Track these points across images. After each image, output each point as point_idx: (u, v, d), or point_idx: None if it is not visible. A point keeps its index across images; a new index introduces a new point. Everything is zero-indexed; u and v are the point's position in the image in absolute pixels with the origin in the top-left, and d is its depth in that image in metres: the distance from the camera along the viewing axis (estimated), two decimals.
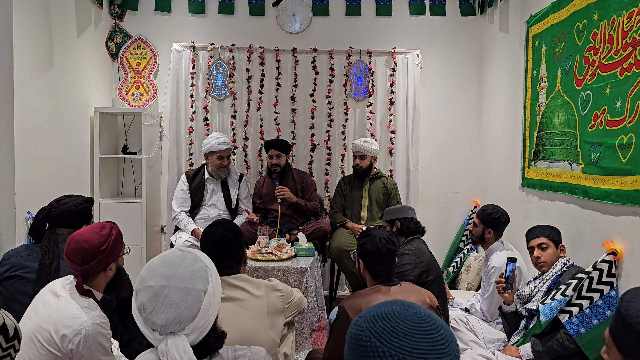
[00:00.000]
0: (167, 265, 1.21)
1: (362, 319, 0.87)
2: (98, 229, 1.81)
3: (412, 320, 0.84)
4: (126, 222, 4.10)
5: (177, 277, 1.19)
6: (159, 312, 1.16)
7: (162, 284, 1.18)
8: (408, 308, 0.87)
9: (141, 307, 1.18)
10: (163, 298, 1.17)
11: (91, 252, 1.75)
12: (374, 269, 2.04)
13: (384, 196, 3.88)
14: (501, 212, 2.88)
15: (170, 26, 4.48)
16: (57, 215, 2.28)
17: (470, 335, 2.62)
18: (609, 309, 2.21)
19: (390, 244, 2.03)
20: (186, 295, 1.18)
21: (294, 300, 2.01)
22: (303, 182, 3.99)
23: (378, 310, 0.87)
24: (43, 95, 3.41)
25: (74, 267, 1.76)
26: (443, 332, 0.84)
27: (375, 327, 0.84)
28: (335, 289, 4.09)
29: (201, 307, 1.18)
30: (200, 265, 1.24)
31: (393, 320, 0.84)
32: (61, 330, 1.64)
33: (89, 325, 1.65)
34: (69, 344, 1.63)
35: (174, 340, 1.15)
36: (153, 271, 1.21)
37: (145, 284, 1.19)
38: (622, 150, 2.20)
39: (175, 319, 1.16)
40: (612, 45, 2.30)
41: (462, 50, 4.47)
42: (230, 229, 1.95)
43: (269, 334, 1.84)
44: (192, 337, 1.19)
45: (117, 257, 1.86)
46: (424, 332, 0.82)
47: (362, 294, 1.98)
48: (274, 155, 3.86)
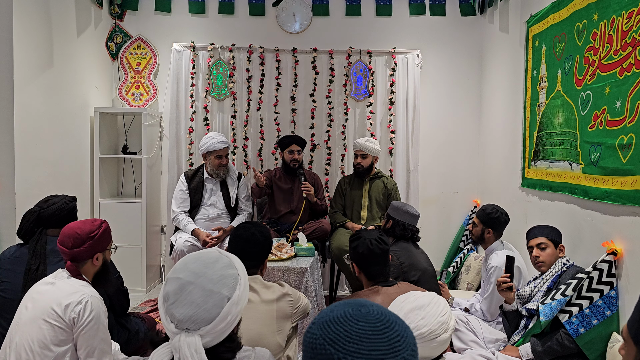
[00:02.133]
0: (199, 263, 1.22)
1: (315, 325, 0.83)
2: (90, 220, 1.97)
3: (366, 320, 0.81)
4: (126, 222, 4.12)
5: (205, 277, 1.20)
6: (179, 306, 1.17)
7: (190, 280, 1.19)
8: (361, 308, 0.84)
9: (165, 296, 1.20)
10: (186, 294, 1.17)
11: (82, 236, 1.88)
12: (369, 271, 2.04)
13: (384, 196, 3.87)
14: (501, 211, 2.88)
15: (170, 26, 4.48)
16: (48, 215, 2.30)
17: (470, 335, 2.62)
18: (609, 309, 2.21)
19: (381, 244, 2.03)
20: (208, 298, 1.18)
21: (302, 305, 2.03)
22: (314, 183, 4.01)
23: (330, 314, 0.83)
24: (43, 95, 3.41)
25: (65, 251, 1.87)
26: (398, 328, 0.82)
27: (329, 333, 0.80)
28: (335, 289, 4.09)
29: (220, 313, 1.18)
30: (232, 272, 1.24)
31: (346, 323, 0.81)
32: (64, 301, 1.73)
33: (89, 297, 1.77)
34: (71, 312, 1.72)
35: (187, 338, 1.15)
36: (186, 265, 1.23)
37: (175, 274, 1.21)
38: (622, 150, 2.20)
39: (192, 317, 1.16)
40: (612, 45, 2.30)
41: (462, 50, 4.46)
42: (262, 232, 2.02)
43: (276, 338, 1.86)
44: (206, 339, 1.18)
45: (104, 249, 1.97)
46: (379, 332, 0.80)
47: (360, 295, 1.98)
48: (295, 150, 3.87)
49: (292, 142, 3.87)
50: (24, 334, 1.71)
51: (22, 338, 1.71)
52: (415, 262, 2.63)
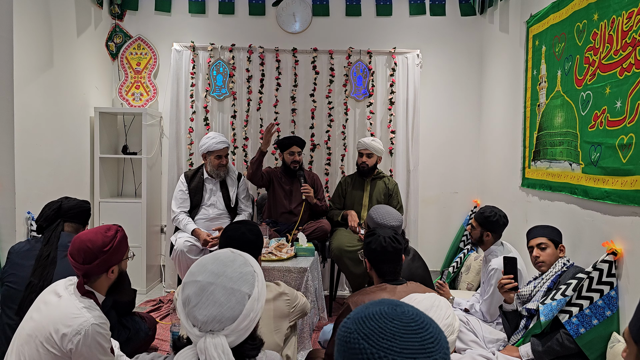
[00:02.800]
0: (218, 264, 1.23)
1: (350, 320, 0.86)
2: (104, 230, 1.82)
3: (401, 319, 0.83)
4: (126, 222, 4.09)
5: (225, 276, 1.20)
6: (202, 308, 1.17)
7: (210, 280, 1.19)
8: (396, 307, 0.86)
9: (186, 300, 1.19)
10: (208, 294, 1.18)
11: (94, 251, 1.75)
12: (380, 268, 2.05)
13: (385, 196, 3.87)
14: (499, 214, 2.87)
15: (170, 26, 4.48)
16: (69, 207, 2.38)
17: (470, 335, 2.62)
18: (609, 309, 2.21)
19: (395, 243, 2.04)
20: (231, 296, 1.18)
21: (299, 304, 2.03)
22: (314, 183, 4.01)
23: (366, 311, 0.86)
24: (43, 95, 3.41)
25: (76, 265, 1.77)
26: (432, 330, 0.83)
27: (363, 328, 0.82)
28: (335, 289, 4.09)
29: (243, 310, 1.19)
30: (249, 270, 1.25)
31: (381, 320, 0.83)
32: (61, 329, 1.65)
33: (88, 326, 1.66)
34: (68, 343, 1.64)
35: (213, 339, 1.15)
36: (203, 267, 1.22)
37: (193, 278, 1.21)
38: (622, 150, 2.20)
39: (217, 317, 1.16)
40: (612, 45, 2.30)
41: (462, 50, 4.47)
42: (252, 230, 2.00)
43: (274, 337, 1.85)
44: (231, 339, 1.19)
45: (120, 260, 1.86)
46: (412, 332, 0.81)
47: (368, 291, 1.99)
48: (296, 152, 3.87)
49: (293, 143, 3.86)
50: (23, 349, 1.67)
51: (21, 353, 1.68)
52: (409, 267, 2.61)
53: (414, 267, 2.66)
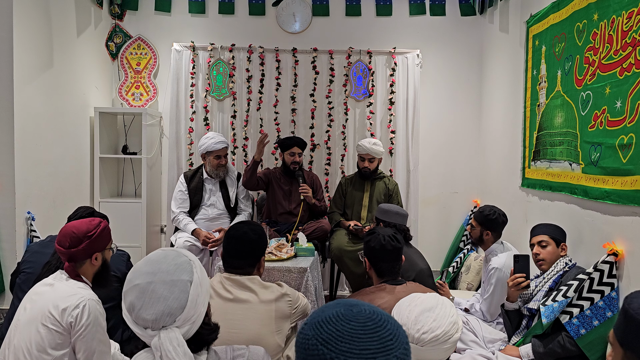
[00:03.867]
0: (151, 263, 1.23)
1: (307, 326, 0.84)
2: (88, 220, 1.94)
3: (357, 320, 0.82)
4: (126, 222, 4.12)
5: (162, 271, 1.21)
6: (148, 307, 1.17)
7: (148, 280, 1.19)
8: (352, 308, 0.84)
9: (130, 307, 1.19)
10: (150, 293, 1.18)
11: (79, 236, 1.84)
12: (379, 267, 2.05)
13: (385, 197, 3.87)
14: (498, 213, 2.87)
15: (170, 26, 4.48)
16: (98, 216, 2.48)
17: (470, 335, 2.62)
18: (610, 310, 2.21)
19: (394, 241, 2.04)
20: (172, 287, 1.19)
21: (301, 305, 2.03)
22: (313, 183, 4.01)
23: (322, 314, 0.84)
24: (43, 95, 3.41)
25: (62, 251, 1.84)
26: (389, 327, 0.82)
27: (321, 333, 0.81)
28: (335, 289, 4.09)
29: (189, 297, 1.20)
30: (184, 259, 1.26)
31: (338, 323, 0.81)
32: (60, 305, 1.71)
33: (87, 300, 1.74)
34: (68, 317, 1.70)
35: (167, 333, 1.16)
36: (138, 271, 1.23)
37: (131, 284, 1.21)
38: (622, 150, 2.20)
39: (165, 311, 1.17)
40: (612, 45, 2.30)
41: (462, 50, 4.46)
42: (254, 230, 2.01)
43: (275, 338, 1.86)
44: (184, 329, 1.20)
45: (103, 249, 1.94)
46: (370, 331, 0.80)
47: (367, 291, 1.99)
48: (297, 153, 3.85)
49: (294, 144, 3.85)
50: (22, 337, 1.70)
51: (21, 340, 1.71)
52: (411, 262, 2.64)
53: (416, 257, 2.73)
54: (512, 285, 2.48)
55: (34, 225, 3.22)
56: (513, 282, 2.47)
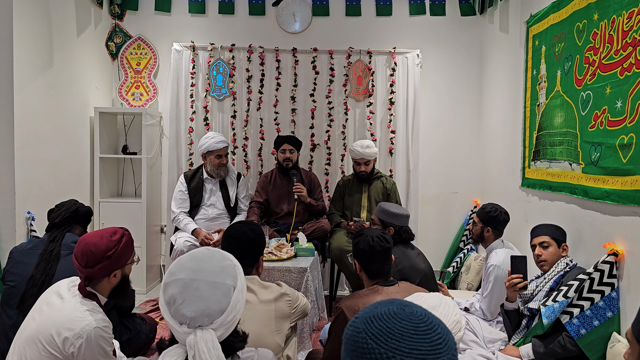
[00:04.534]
0: (196, 261, 1.23)
1: (358, 320, 0.85)
2: (109, 234, 1.81)
3: (410, 320, 0.82)
4: (126, 222, 4.10)
5: (207, 271, 1.21)
6: (189, 304, 1.16)
7: (192, 277, 1.19)
8: (405, 308, 0.85)
9: (170, 300, 1.18)
10: (193, 290, 1.17)
11: (97, 256, 1.75)
12: (369, 268, 2.04)
13: (384, 196, 3.87)
14: (500, 210, 2.88)
15: (170, 26, 4.48)
16: (84, 212, 2.47)
17: (470, 335, 2.62)
18: (610, 310, 2.21)
19: (383, 242, 2.03)
20: (215, 289, 1.19)
21: (300, 305, 2.03)
22: (311, 182, 4.00)
23: (375, 310, 0.85)
24: (43, 95, 3.40)
25: (79, 268, 1.77)
26: (440, 331, 0.83)
27: (372, 328, 0.82)
28: (335, 289, 4.09)
29: (230, 302, 1.20)
30: (229, 263, 1.26)
31: (389, 321, 0.82)
32: (63, 333, 1.64)
33: (91, 329, 1.65)
34: (70, 347, 1.63)
35: (203, 334, 1.15)
36: (182, 265, 1.22)
37: (174, 277, 1.20)
38: (622, 150, 2.20)
39: (205, 311, 1.16)
40: (612, 45, 2.30)
41: (462, 50, 4.47)
42: (254, 230, 2.01)
43: (275, 338, 1.86)
44: (219, 332, 1.19)
45: (123, 265, 1.85)
46: (421, 333, 0.81)
47: (361, 294, 1.98)
48: (287, 150, 3.87)
49: (284, 141, 3.87)
50: (25, 351, 1.66)
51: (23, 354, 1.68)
52: (414, 265, 2.62)
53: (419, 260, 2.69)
54: (508, 286, 2.48)
55: (34, 225, 3.22)
56: (509, 282, 2.47)
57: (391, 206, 2.89)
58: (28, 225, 3.21)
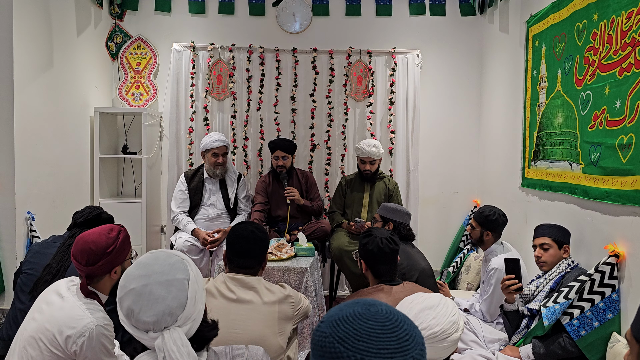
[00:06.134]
0: (143, 266, 1.22)
1: (324, 324, 0.84)
2: (106, 231, 1.83)
3: (376, 319, 0.81)
4: (126, 222, 4.03)
5: (156, 273, 1.19)
6: (147, 310, 1.16)
7: (143, 283, 1.18)
8: (370, 307, 0.84)
9: (128, 312, 1.17)
10: (147, 295, 1.16)
11: (97, 253, 1.76)
12: (377, 269, 2.04)
13: (385, 197, 3.87)
14: (498, 213, 2.87)
15: (170, 26, 4.48)
16: (105, 218, 2.47)
17: (471, 335, 2.62)
18: (610, 311, 2.21)
19: (391, 244, 2.03)
20: (170, 287, 1.18)
21: (303, 307, 2.04)
22: (307, 183, 3.97)
23: (340, 313, 0.84)
24: (43, 95, 3.41)
25: (79, 267, 1.77)
26: (407, 327, 0.82)
27: (338, 331, 0.81)
28: (335, 289, 4.09)
29: (188, 295, 1.19)
30: (176, 259, 1.25)
31: (355, 322, 0.81)
32: (65, 331, 1.64)
33: (92, 327, 1.66)
34: (72, 345, 1.64)
35: (170, 334, 1.15)
36: (130, 276, 1.21)
37: (125, 289, 1.19)
38: (622, 150, 2.20)
39: (165, 311, 1.16)
40: (612, 45, 2.30)
41: (462, 50, 4.46)
42: (260, 229, 2.03)
43: (277, 339, 1.86)
44: (186, 327, 1.19)
45: (123, 261, 1.86)
46: (388, 331, 0.80)
47: (365, 292, 1.99)
48: (280, 156, 3.80)
49: (277, 148, 3.80)
50: (26, 351, 1.66)
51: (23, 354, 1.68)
52: (413, 263, 2.63)
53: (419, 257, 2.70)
54: (503, 288, 2.49)
55: (34, 225, 3.22)
56: (503, 284, 2.48)
57: (394, 204, 3.01)
58: (28, 225, 3.21)
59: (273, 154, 3.84)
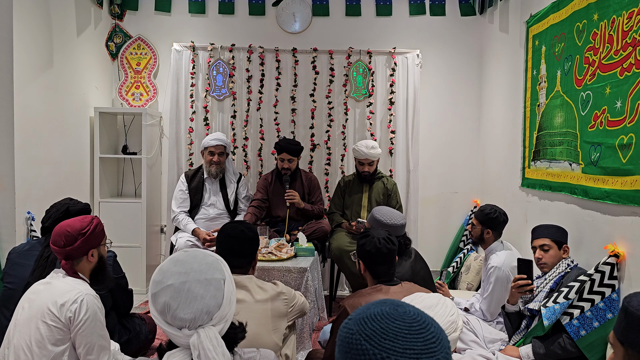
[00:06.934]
0: (181, 264, 1.22)
1: (351, 321, 0.85)
2: (81, 217, 1.95)
3: (403, 320, 0.82)
4: (126, 222, 4.12)
5: (195, 271, 1.20)
6: (185, 307, 1.16)
7: (182, 280, 1.18)
8: (397, 308, 0.85)
9: (164, 308, 1.17)
10: (186, 292, 1.17)
11: (74, 234, 1.85)
12: (375, 270, 2.04)
13: (384, 197, 3.87)
14: (499, 212, 2.88)
15: (170, 26, 4.48)
16: (75, 211, 2.43)
17: (470, 335, 2.62)
18: (610, 311, 2.21)
19: (389, 244, 2.03)
20: (208, 286, 1.19)
21: (297, 303, 2.03)
22: (310, 185, 3.97)
23: (367, 311, 0.86)
24: (43, 95, 3.40)
25: (58, 250, 1.85)
26: (434, 330, 0.83)
27: (365, 329, 0.82)
28: (335, 289, 4.09)
29: (224, 295, 1.21)
30: (212, 259, 1.27)
31: (383, 321, 0.82)
32: (59, 300, 1.73)
33: (84, 295, 1.76)
34: (67, 312, 1.71)
35: (206, 332, 1.16)
36: (167, 271, 1.21)
37: (163, 285, 1.19)
38: (622, 150, 2.20)
39: (203, 309, 1.17)
40: (612, 45, 2.30)
41: (462, 50, 4.46)
42: (249, 228, 2.05)
43: (272, 337, 1.86)
44: (220, 327, 1.20)
45: (98, 245, 1.96)
46: (415, 332, 0.81)
47: (364, 293, 1.98)
48: (286, 159, 3.79)
49: (283, 150, 3.78)
50: (22, 335, 1.71)
51: (20, 339, 1.71)
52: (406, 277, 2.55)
53: (416, 268, 2.63)
54: (514, 287, 2.46)
55: (34, 225, 3.22)
56: (515, 284, 2.45)
57: (384, 215, 2.65)
58: (28, 225, 3.21)
59: (279, 156, 3.83)
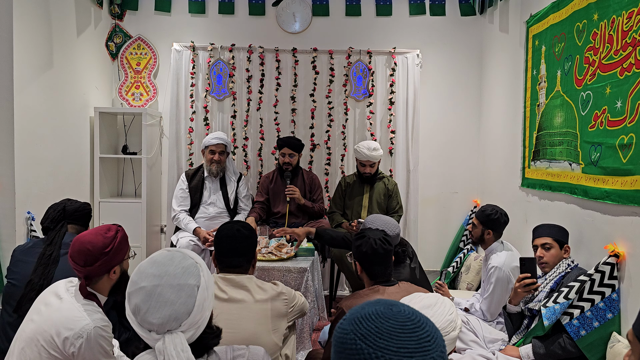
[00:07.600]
0: (157, 265, 1.21)
1: (346, 321, 0.86)
2: (103, 231, 1.81)
3: (397, 319, 0.83)
4: (126, 222, 4.04)
5: (169, 275, 1.19)
6: (154, 311, 1.16)
7: (155, 283, 1.18)
8: (391, 307, 0.86)
9: (135, 309, 1.18)
10: (157, 297, 1.17)
11: (95, 253, 1.74)
12: (371, 270, 2.03)
13: (385, 197, 3.87)
14: (500, 212, 2.87)
15: (170, 26, 4.48)
16: (72, 209, 2.42)
17: (471, 335, 2.62)
18: (610, 311, 2.21)
19: (385, 244, 2.02)
20: (180, 292, 1.18)
21: (297, 303, 2.03)
22: (312, 184, 3.99)
23: (362, 311, 0.86)
24: (43, 95, 3.40)
25: (77, 268, 1.75)
26: (428, 328, 0.84)
27: (360, 329, 0.83)
28: (335, 289, 4.09)
29: (196, 302, 1.19)
30: (190, 262, 1.24)
31: (377, 320, 0.83)
32: (63, 332, 1.63)
33: (90, 329, 1.65)
34: (70, 347, 1.63)
35: (172, 338, 1.15)
36: (143, 273, 1.21)
37: (137, 286, 1.19)
38: (622, 150, 2.20)
39: (172, 315, 1.16)
40: (612, 45, 2.30)
41: (462, 50, 4.46)
42: (246, 227, 2.02)
43: (272, 337, 1.85)
44: (189, 333, 1.19)
45: (121, 260, 1.85)
46: (409, 331, 0.82)
47: (361, 294, 1.98)
48: (287, 154, 3.85)
49: (284, 145, 3.85)
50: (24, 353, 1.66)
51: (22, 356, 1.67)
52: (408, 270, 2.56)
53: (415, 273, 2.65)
54: (519, 286, 2.43)
55: (34, 225, 3.21)
56: (520, 283, 2.43)
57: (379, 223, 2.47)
58: (28, 225, 3.21)
59: (280, 151, 3.89)
